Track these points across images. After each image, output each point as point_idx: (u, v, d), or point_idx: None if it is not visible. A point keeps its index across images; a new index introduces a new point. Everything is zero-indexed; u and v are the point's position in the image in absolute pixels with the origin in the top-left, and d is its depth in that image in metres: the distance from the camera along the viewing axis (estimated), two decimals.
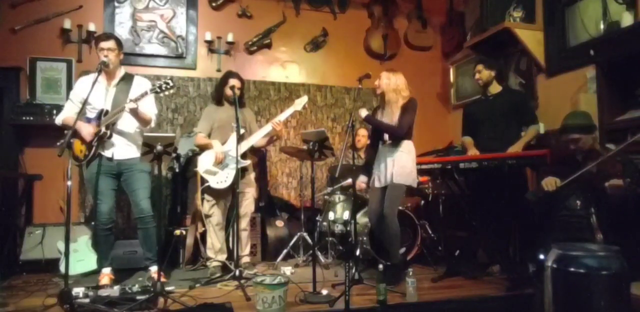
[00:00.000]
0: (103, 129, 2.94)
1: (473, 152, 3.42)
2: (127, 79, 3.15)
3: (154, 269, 3.15)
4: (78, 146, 3.03)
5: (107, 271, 3.11)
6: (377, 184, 3.27)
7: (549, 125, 3.61)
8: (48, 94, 4.15)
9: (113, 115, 2.96)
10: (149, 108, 3.11)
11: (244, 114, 3.56)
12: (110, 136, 2.99)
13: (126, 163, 3.07)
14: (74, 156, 3.04)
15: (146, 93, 2.87)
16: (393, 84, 3.23)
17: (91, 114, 3.01)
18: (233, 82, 3.45)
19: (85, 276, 3.32)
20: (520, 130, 3.42)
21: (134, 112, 2.93)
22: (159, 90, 2.83)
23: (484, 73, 3.49)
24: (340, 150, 3.77)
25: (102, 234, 3.09)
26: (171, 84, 2.84)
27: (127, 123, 3.07)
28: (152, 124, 3.16)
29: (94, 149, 2.97)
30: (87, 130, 2.94)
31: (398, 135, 3.17)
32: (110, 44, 3.01)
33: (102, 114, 2.97)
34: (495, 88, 3.53)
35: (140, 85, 3.13)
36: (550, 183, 2.67)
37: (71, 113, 3.07)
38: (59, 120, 3.13)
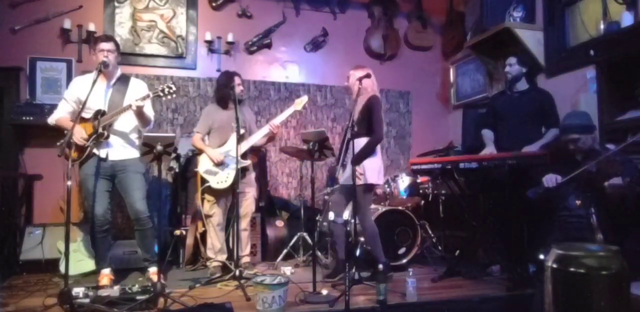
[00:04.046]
0: (100, 130, 2.92)
1: (490, 150, 3.37)
2: (124, 80, 3.15)
3: (152, 270, 3.15)
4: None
5: (106, 271, 3.10)
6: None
7: None
8: (48, 94, 4.15)
9: (111, 116, 2.94)
10: (148, 109, 3.11)
11: (244, 113, 3.55)
12: (108, 137, 2.97)
13: (120, 164, 3.05)
14: (66, 154, 2.94)
15: (148, 96, 2.88)
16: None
17: (86, 114, 2.97)
18: (239, 81, 3.45)
19: (85, 276, 3.32)
20: (541, 131, 3.35)
21: (139, 111, 2.92)
22: (161, 94, 2.85)
23: (515, 67, 3.41)
24: (341, 150, 3.76)
25: (98, 236, 3.07)
26: (174, 88, 2.85)
27: (124, 124, 3.07)
28: (151, 125, 3.17)
29: (88, 149, 2.96)
30: (80, 135, 2.90)
31: (379, 141, 3.20)
32: (111, 45, 3.02)
33: (98, 114, 2.96)
34: (522, 85, 3.46)
35: (137, 87, 3.15)
36: (550, 180, 2.68)
37: (64, 113, 3.07)
38: (52, 119, 3.11)
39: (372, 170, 3.16)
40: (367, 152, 3.14)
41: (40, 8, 4.20)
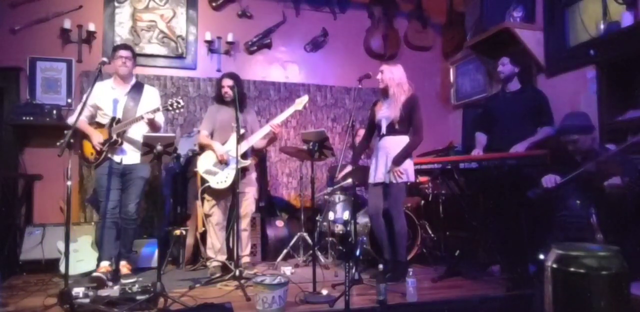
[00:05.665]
0: (114, 137, 3.16)
1: (477, 152, 3.39)
2: (138, 87, 3.38)
3: (122, 263, 3.30)
4: (89, 149, 3.22)
5: (105, 264, 3.17)
6: (372, 180, 3.27)
7: None
8: (48, 94, 4.16)
9: (124, 125, 3.16)
10: (159, 117, 3.29)
11: (246, 115, 3.57)
12: (122, 144, 3.21)
13: (130, 167, 3.26)
14: (84, 157, 3.26)
15: (158, 109, 3.11)
16: (397, 77, 3.25)
17: (103, 119, 3.22)
18: (224, 82, 3.51)
19: (85, 276, 3.32)
20: (535, 130, 3.35)
21: (150, 122, 3.16)
22: (170, 108, 3.06)
23: (507, 67, 3.43)
24: (340, 150, 3.76)
25: (105, 229, 3.18)
26: (182, 103, 3.07)
27: (136, 131, 3.25)
28: (162, 130, 3.39)
29: (104, 154, 3.19)
30: (97, 140, 3.16)
31: (420, 141, 3.22)
32: (128, 53, 3.29)
33: (113, 121, 3.19)
34: (515, 85, 3.48)
35: (150, 95, 3.40)
36: (549, 180, 2.68)
37: (82, 116, 3.17)
38: (72, 119, 3.21)
39: (412, 168, 3.21)
40: (409, 152, 3.18)
41: (40, 8, 4.20)
